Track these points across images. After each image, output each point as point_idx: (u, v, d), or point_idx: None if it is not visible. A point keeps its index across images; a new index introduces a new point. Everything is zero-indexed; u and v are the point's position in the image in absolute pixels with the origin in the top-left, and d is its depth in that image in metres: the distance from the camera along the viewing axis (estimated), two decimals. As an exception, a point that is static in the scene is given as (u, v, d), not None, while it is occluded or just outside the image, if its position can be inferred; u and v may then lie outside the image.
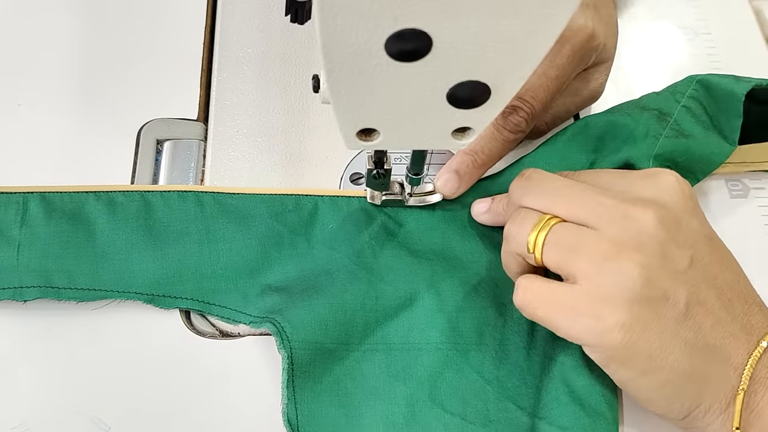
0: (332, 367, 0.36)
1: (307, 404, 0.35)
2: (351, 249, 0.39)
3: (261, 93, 0.46)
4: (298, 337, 0.36)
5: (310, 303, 0.37)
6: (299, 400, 0.35)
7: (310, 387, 0.35)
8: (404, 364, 0.36)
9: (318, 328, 0.36)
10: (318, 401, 0.35)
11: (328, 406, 0.35)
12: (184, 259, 0.38)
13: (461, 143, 0.30)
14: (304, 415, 0.35)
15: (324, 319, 0.36)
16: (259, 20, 0.49)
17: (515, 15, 0.23)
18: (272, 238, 0.39)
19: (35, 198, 0.39)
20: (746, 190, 0.44)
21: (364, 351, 0.37)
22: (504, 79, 0.26)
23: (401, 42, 0.23)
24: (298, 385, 0.35)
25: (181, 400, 0.36)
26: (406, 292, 0.38)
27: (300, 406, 0.35)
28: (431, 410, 0.35)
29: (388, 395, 0.36)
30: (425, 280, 0.38)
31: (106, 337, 0.37)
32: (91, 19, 0.48)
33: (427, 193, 0.41)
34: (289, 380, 0.35)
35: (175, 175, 0.43)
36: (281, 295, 0.38)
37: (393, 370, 0.36)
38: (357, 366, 0.36)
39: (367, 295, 0.38)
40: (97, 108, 0.45)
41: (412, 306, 0.38)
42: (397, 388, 0.36)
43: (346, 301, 0.37)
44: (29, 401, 0.36)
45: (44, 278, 0.37)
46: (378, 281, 0.38)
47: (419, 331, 0.37)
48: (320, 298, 0.37)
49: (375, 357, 0.37)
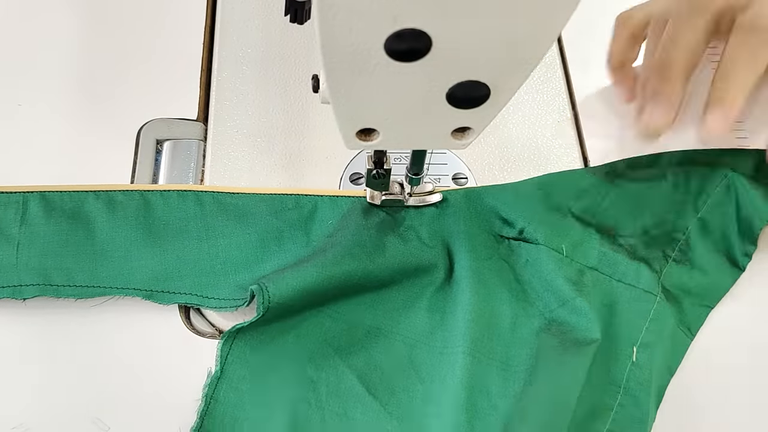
0: (281, 321, 0.36)
1: (241, 343, 0.36)
2: (346, 244, 0.39)
3: (261, 93, 0.46)
4: (277, 292, 0.36)
5: (298, 268, 0.37)
6: (240, 336, 0.36)
7: (255, 327, 0.36)
8: (348, 339, 0.37)
9: (300, 290, 0.36)
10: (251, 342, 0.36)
11: (256, 352, 0.36)
12: (183, 255, 0.38)
13: (461, 143, 0.30)
14: (235, 353, 0.36)
15: (308, 283, 0.36)
16: (259, 20, 0.49)
17: (515, 15, 0.23)
18: (272, 233, 0.39)
19: (35, 197, 0.39)
20: (746, 191, 0.44)
21: (317, 311, 0.37)
22: (504, 79, 0.26)
23: (401, 42, 0.23)
24: (250, 329, 0.36)
25: (181, 400, 0.36)
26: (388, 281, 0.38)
27: (235, 344, 0.36)
28: (356, 384, 0.36)
29: (321, 358, 0.36)
30: (418, 281, 0.38)
31: (106, 338, 0.37)
32: (91, 19, 0.48)
33: (427, 193, 0.41)
34: (251, 323, 0.35)
35: (174, 175, 0.43)
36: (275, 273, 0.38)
37: (333, 341, 0.37)
38: (303, 323, 0.37)
39: (355, 271, 0.37)
40: (97, 108, 0.45)
41: (374, 308, 0.38)
42: (331, 356, 0.36)
43: (334, 273, 0.37)
44: (29, 401, 0.36)
45: (43, 276, 0.37)
46: (364, 278, 0.38)
47: (383, 336, 0.37)
48: (310, 266, 0.37)
49: (323, 322, 0.37)
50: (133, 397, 0.36)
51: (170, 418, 0.36)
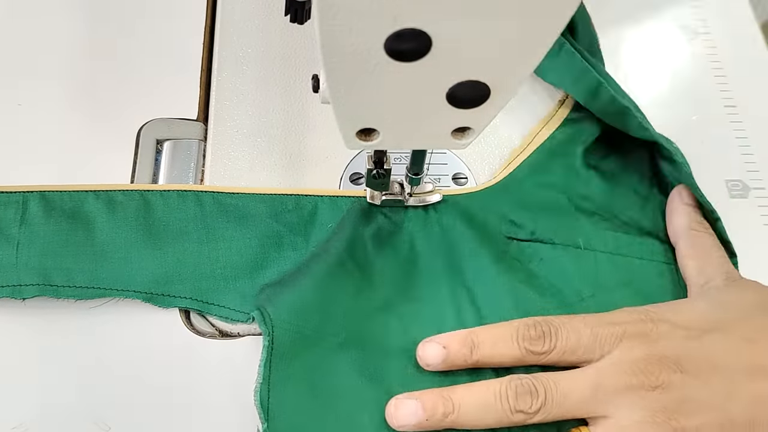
0: (305, 354, 0.35)
1: (280, 387, 0.34)
2: (346, 242, 0.39)
3: (261, 93, 0.46)
4: (279, 317, 0.35)
5: (294, 283, 0.37)
6: (273, 381, 0.34)
7: (283, 369, 0.35)
8: (376, 366, 0.35)
9: (299, 308, 0.36)
10: (289, 385, 0.34)
11: (298, 394, 0.34)
12: (183, 258, 0.38)
13: (461, 143, 0.30)
14: (276, 398, 0.34)
15: (305, 299, 0.36)
16: (259, 20, 0.49)
17: (515, 15, 0.23)
18: (272, 238, 0.39)
19: (35, 197, 0.39)
20: (746, 190, 0.44)
21: (338, 344, 0.36)
22: (504, 79, 0.26)
23: (401, 42, 0.23)
24: (275, 366, 0.34)
25: (181, 399, 0.36)
26: (390, 296, 0.38)
27: (273, 389, 0.34)
28: None
29: (356, 396, 0.35)
30: (417, 284, 0.38)
31: (106, 337, 0.37)
32: (91, 19, 0.48)
33: (427, 192, 0.41)
34: (267, 359, 0.34)
35: (174, 175, 0.43)
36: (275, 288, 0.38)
37: (365, 371, 0.35)
38: (328, 359, 0.35)
39: (350, 284, 0.37)
40: (97, 108, 0.45)
41: (396, 309, 0.37)
42: (366, 391, 0.35)
43: (327, 284, 0.36)
44: (29, 401, 0.36)
45: (43, 276, 0.37)
46: (365, 278, 0.38)
47: (400, 333, 0.37)
48: (305, 278, 0.37)
49: (348, 353, 0.36)
50: (134, 396, 0.36)
51: (171, 418, 0.36)
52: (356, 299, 0.37)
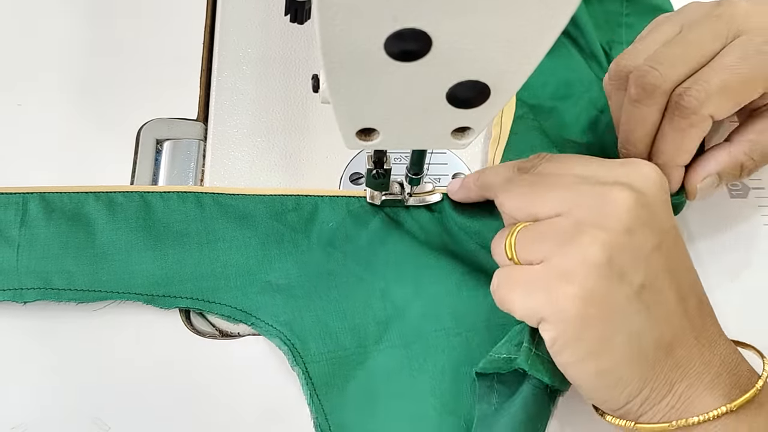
0: (354, 373, 0.36)
1: (337, 414, 0.35)
2: (351, 248, 0.39)
3: (261, 93, 0.46)
4: (309, 351, 0.36)
5: (317, 314, 0.37)
6: (328, 411, 0.35)
7: (336, 396, 0.36)
8: (425, 356, 0.37)
9: (328, 339, 0.37)
10: (347, 409, 0.35)
11: (358, 413, 0.35)
12: (183, 259, 0.38)
13: (461, 143, 0.30)
14: (336, 424, 0.35)
15: (332, 329, 0.37)
16: (259, 20, 0.48)
17: (515, 15, 0.23)
18: (272, 236, 0.39)
19: (35, 198, 0.39)
20: (746, 190, 0.44)
21: (382, 350, 0.37)
22: (504, 79, 0.26)
23: (401, 42, 0.23)
24: (324, 397, 0.35)
25: (181, 400, 0.36)
26: (409, 287, 0.38)
27: (331, 416, 0.35)
28: (458, 398, 0.36)
29: (415, 391, 0.36)
30: (426, 275, 0.38)
31: (106, 338, 0.37)
32: (91, 19, 0.48)
33: (427, 192, 0.41)
34: (312, 394, 0.35)
35: (174, 175, 0.43)
36: (283, 296, 0.38)
37: (415, 363, 0.36)
38: (380, 366, 0.36)
39: (372, 295, 0.38)
40: (97, 108, 0.45)
41: (418, 298, 0.38)
42: (422, 382, 0.36)
43: (351, 307, 0.37)
44: (29, 402, 0.36)
45: (44, 280, 0.37)
46: (380, 280, 0.38)
47: (432, 319, 0.37)
48: (325, 306, 0.37)
49: (395, 354, 0.37)
50: (134, 396, 0.36)
51: (171, 418, 0.36)
52: (381, 301, 0.38)
